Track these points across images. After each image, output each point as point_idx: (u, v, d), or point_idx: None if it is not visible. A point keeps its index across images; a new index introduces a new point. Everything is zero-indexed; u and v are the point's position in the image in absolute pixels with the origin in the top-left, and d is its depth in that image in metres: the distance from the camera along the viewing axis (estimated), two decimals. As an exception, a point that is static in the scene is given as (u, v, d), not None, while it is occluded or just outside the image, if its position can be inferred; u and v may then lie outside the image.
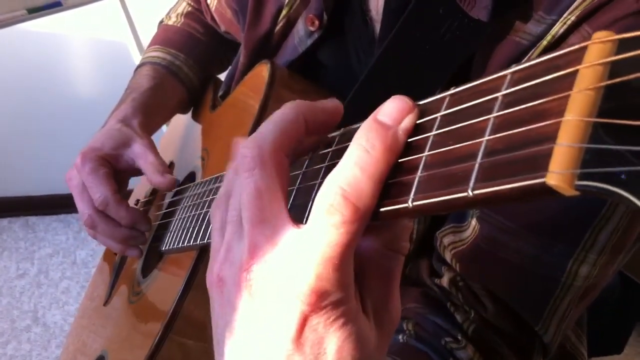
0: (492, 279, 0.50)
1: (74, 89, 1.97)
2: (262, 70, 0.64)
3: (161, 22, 0.93)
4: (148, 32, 0.94)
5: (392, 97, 0.28)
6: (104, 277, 0.92)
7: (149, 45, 0.90)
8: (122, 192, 0.70)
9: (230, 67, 0.82)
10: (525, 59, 0.46)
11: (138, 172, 0.72)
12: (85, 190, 0.67)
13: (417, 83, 0.50)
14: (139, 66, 0.86)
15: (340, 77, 0.64)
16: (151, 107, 0.78)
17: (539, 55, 0.45)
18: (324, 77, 0.66)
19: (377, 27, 0.56)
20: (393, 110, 0.27)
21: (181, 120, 0.93)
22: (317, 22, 0.60)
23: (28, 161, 2.08)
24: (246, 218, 0.28)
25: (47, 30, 1.80)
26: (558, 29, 0.45)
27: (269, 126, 0.30)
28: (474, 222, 0.50)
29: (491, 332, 0.51)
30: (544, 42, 0.46)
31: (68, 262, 2.00)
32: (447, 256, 0.52)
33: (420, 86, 0.50)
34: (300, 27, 0.63)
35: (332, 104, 0.31)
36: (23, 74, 1.89)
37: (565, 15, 0.44)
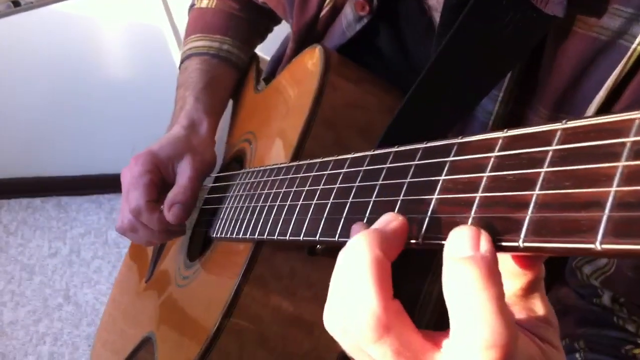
0: None
1: (108, 72, 1.98)
2: (313, 55, 0.62)
3: (192, 6, 0.89)
4: (183, 16, 0.92)
5: (452, 230, 0.25)
6: (139, 260, 0.92)
7: (188, 35, 0.86)
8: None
9: (276, 51, 0.80)
10: (622, 64, 0.43)
11: None
12: (127, 193, 0.68)
13: (480, 75, 0.49)
14: (185, 59, 0.83)
15: (394, 65, 0.62)
16: (214, 104, 0.77)
17: None
18: (374, 64, 0.64)
19: (436, 15, 0.54)
20: (463, 242, 0.24)
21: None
22: (367, 7, 0.58)
23: (61, 142, 2.10)
24: None
25: (82, 13, 1.81)
26: None
27: (366, 286, 0.26)
28: None
29: None
30: (639, 48, 0.43)
31: (100, 242, 2.02)
32: (595, 283, 0.51)
33: (483, 79, 0.48)
34: (348, 12, 0.61)
35: (401, 223, 0.29)
36: (58, 56, 1.90)
37: None
